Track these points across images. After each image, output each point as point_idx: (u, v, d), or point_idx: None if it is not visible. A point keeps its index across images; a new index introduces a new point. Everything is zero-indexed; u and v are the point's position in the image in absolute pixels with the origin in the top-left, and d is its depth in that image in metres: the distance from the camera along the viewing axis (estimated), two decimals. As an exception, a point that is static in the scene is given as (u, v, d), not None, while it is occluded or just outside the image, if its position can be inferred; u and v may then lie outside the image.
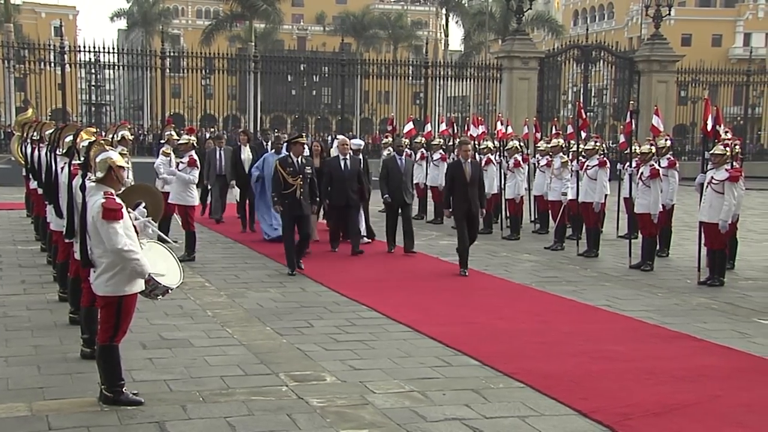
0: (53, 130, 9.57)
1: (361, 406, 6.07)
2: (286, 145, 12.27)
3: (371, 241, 14.11)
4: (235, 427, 5.60)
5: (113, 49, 31.33)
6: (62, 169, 7.92)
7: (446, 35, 61.39)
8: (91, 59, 31.39)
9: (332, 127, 50.04)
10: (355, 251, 13.00)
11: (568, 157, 14.93)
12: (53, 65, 30.32)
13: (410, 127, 19.55)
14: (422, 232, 14.42)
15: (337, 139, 15.55)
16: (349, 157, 13.19)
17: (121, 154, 6.59)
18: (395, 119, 23.28)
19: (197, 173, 12.81)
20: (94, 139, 6.59)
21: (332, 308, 9.35)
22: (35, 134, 11.60)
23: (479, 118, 21.01)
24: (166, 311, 8.78)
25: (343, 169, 13.04)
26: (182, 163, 12.77)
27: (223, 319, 8.72)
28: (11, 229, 15.67)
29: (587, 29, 42.30)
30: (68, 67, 29.79)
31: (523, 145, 16.86)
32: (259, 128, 32.55)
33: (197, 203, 13.22)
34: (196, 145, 13.52)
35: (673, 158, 13.60)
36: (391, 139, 19.86)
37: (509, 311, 9.44)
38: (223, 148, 16.81)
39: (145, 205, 6.31)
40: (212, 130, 41.08)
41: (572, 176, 14.06)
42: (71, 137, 7.70)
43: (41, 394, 6.15)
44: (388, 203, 13.52)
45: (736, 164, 11.18)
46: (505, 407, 6.10)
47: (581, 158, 13.81)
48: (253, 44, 45.45)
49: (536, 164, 16.23)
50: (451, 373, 6.95)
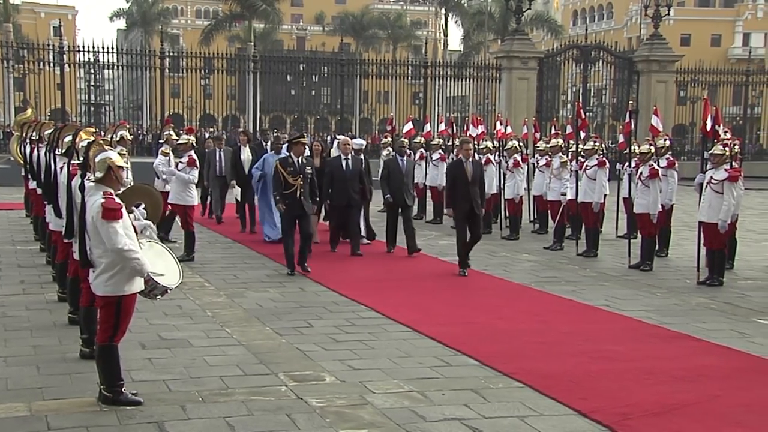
0: (52, 130, 9.58)
1: (360, 406, 6.06)
2: (287, 145, 12.24)
3: (371, 242, 14.11)
4: (234, 427, 5.60)
5: (112, 49, 31.40)
6: (61, 169, 7.91)
7: (445, 35, 61.35)
8: (90, 59, 31.41)
9: (331, 127, 50.02)
10: (354, 252, 13.00)
11: (567, 157, 14.92)
12: (52, 65, 30.32)
13: (409, 127, 19.53)
14: (421, 232, 14.40)
15: (337, 139, 15.54)
16: (350, 156, 13.17)
17: (120, 154, 6.59)
18: (394, 119, 23.27)
19: (197, 173, 12.81)
20: (93, 139, 6.58)
21: (331, 308, 9.35)
22: (34, 134, 11.59)
23: (478, 118, 21.02)
24: (165, 311, 8.78)
25: (344, 168, 13.02)
26: (181, 162, 12.78)
27: (222, 319, 8.71)
28: (10, 229, 15.66)
29: (586, 29, 42.39)
30: (67, 67, 29.82)
31: (522, 145, 16.86)
32: (258, 128, 32.54)
33: (197, 203, 13.22)
34: (195, 145, 13.52)
35: (672, 158, 13.60)
36: (390, 139, 19.86)
37: (508, 311, 9.44)
38: (222, 149, 16.77)
39: (144, 206, 6.31)
40: (211, 130, 41.10)
41: (571, 176, 14.05)
42: (70, 137, 7.70)
43: (40, 394, 6.15)
44: (389, 204, 13.52)
45: (735, 164, 11.19)
46: (504, 407, 6.10)
47: (580, 158, 13.81)
48: (252, 44, 45.48)
49: (535, 164, 16.24)
50: (450, 373, 6.95)
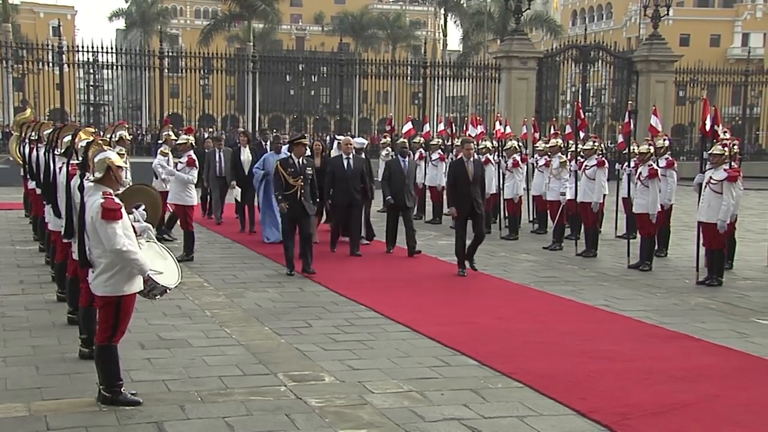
0: (51, 130, 9.59)
1: (359, 406, 6.06)
2: (288, 146, 12.20)
3: (369, 242, 14.10)
4: (233, 427, 5.60)
5: (111, 49, 31.35)
6: (60, 169, 7.92)
7: (445, 35, 61.30)
8: (89, 59, 31.38)
9: (331, 127, 50.00)
10: (353, 252, 13.00)
11: (566, 157, 14.93)
12: (51, 65, 30.31)
13: (408, 127, 19.52)
14: (421, 232, 14.40)
15: (336, 139, 15.52)
16: (352, 156, 13.16)
17: (119, 154, 6.59)
18: (394, 119, 23.24)
19: (196, 173, 12.81)
20: (92, 139, 6.58)
21: (331, 308, 9.35)
22: (33, 134, 11.59)
23: (478, 118, 21.05)
24: (164, 311, 8.78)
25: (346, 168, 13.00)
26: (181, 163, 12.78)
27: (221, 319, 8.71)
28: (9, 229, 15.66)
29: (586, 29, 42.42)
30: (66, 67, 29.80)
31: (521, 145, 16.87)
32: (257, 128, 32.53)
33: (196, 203, 13.20)
34: (194, 145, 13.51)
35: (671, 158, 13.60)
36: (389, 139, 19.86)
37: (508, 311, 9.44)
38: (222, 149, 16.75)
39: (144, 207, 6.31)
40: (210, 130, 41.09)
41: (571, 176, 14.05)
42: (69, 137, 7.70)
43: (39, 394, 6.15)
44: (390, 205, 13.51)
45: (734, 164, 11.20)
46: (503, 407, 6.10)
47: (580, 158, 13.81)
48: (251, 44, 45.55)
49: (535, 164, 16.24)
50: (449, 373, 6.95)
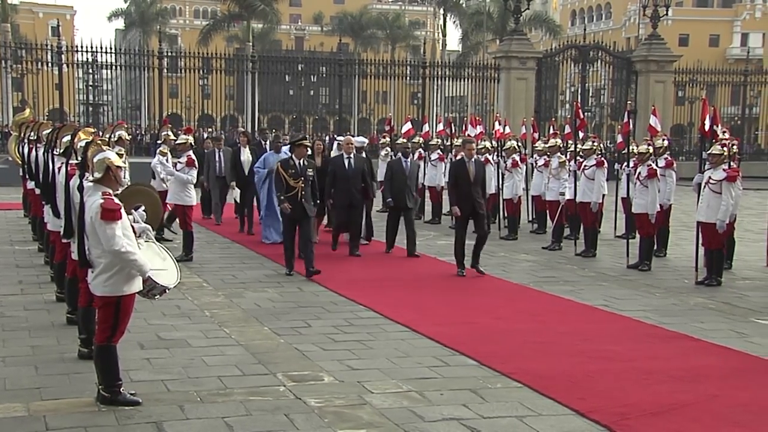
0: (50, 130, 9.58)
1: (359, 406, 6.06)
2: (289, 146, 12.16)
3: (369, 242, 14.10)
4: (232, 427, 5.60)
5: (110, 49, 31.32)
6: (59, 169, 7.92)
7: (444, 35, 61.32)
8: (88, 59, 31.41)
9: (330, 127, 50.02)
10: (352, 253, 12.99)
11: (565, 157, 14.94)
12: (50, 65, 30.31)
13: (408, 127, 19.52)
14: (420, 232, 14.39)
15: (335, 139, 15.50)
16: (353, 155, 13.15)
17: (118, 154, 6.59)
18: (393, 119, 23.23)
19: (195, 173, 12.80)
20: (91, 139, 6.58)
21: (330, 308, 9.35)
22: (32, 134, 11.59)
23: (477, 118, 21.08)
24: (163, 311, 8.78)
25: (347, 167, 12.97)
26: (180, 163, 12.77)
27: (220, 319, 8.71)
28: (8, 229, 15.65)
29: (585, 29, 42.37)
30: (65, 67, 29.81)
31: (520, 145, 16.87)
32: (257, 128, 32.53)
33: (195, 203, 13.19)
34: (193, 145, 13.50)
35: (670, 158, 13.61)
36: (388, 139, 19.86)
37: (507, 311, 9.44)
38: (222, 149, 16.74)
39: (144, 208, 6.30)
40: (210, 130, 41.08)
41: (570, 176, 14.05)
42: (68, 137, 7.70)
43: (38, 394, 6.15)
44: (390, 206, 13.49)
45: (733, 164, 11.20)
46: (502, 407, 6.10)
47: (579, 158, 13.81)
48: (250, 44, 45.56)
49: (534, 164, 16.24)
50: (448, 373, 6.95)
